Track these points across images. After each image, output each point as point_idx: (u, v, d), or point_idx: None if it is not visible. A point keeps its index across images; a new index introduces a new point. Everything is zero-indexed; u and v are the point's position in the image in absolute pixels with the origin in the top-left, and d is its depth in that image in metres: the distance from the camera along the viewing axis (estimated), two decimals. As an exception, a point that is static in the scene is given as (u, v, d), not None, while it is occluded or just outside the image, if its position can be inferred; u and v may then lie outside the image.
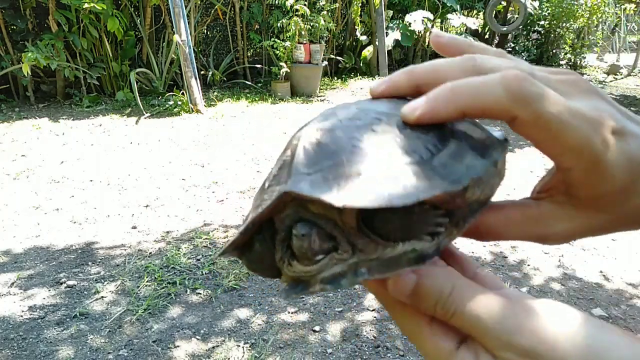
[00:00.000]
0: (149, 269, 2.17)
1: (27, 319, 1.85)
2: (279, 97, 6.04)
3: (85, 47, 5.37)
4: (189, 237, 2.49)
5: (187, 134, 4.41)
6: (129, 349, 1.69)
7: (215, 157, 3.76)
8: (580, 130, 0.24)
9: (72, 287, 2.05)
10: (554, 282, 2.11)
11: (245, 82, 6.81)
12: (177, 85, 6.01)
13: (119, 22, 5.25)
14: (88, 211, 2.80)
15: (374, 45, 7.47)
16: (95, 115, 5.10)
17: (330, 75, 7.60)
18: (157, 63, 5.95)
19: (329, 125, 0.27)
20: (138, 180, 3.29)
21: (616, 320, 1.83)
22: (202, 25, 6.65)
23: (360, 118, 0.28)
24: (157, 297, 1.98)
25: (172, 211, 2.80)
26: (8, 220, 2.67)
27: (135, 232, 2.55)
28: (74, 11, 5.14)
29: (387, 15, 7.48)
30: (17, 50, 5.30)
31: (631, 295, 2.00)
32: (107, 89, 5.95)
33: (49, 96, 5.81)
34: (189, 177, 3.33)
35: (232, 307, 1.93)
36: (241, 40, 6.88)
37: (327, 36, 6.84)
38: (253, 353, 1.67)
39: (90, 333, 1.76)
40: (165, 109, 5.25)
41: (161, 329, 1.80)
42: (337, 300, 1.99)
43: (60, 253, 2.34)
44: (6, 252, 2.33)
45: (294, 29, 5.79)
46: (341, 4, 7.25)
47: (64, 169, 3.48)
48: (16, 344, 1.71)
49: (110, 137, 4.33)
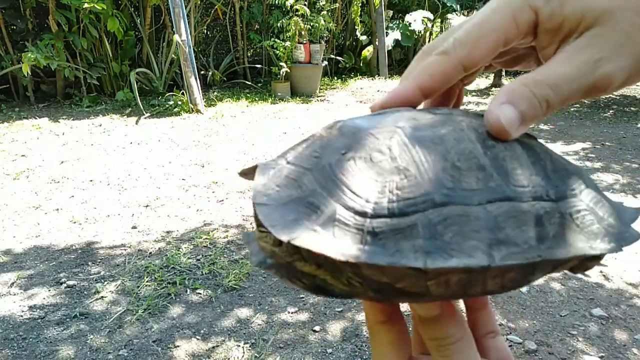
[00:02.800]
0: (149, 269, 2.17)
1: (27, 318, 1.85)
2: (279, 97, 6.04)
3: (85, 47, 5.37)
4: (189, 237, 2.49)
5: (187, 134, 4.41)
6: (129, 349, 1.69)
7: (215, 157, 3.76)
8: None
9: (72, 287, 2.05)
10: (554, 281, 2.11)
11: (245, 82, 6.81)
12: (177, 85, 6.02)
13: (119, 22, 5.25)
14: (88, 211, 2.80)
15: (374, 45, 7.47)
16: (95, 115, 5.10)
17: (330, 75, 7.60)
18: (157, 63, 5.96)
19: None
20: (138, 180, 3.30)
21: (616, 320, 1.83)
22: (202, 25, 6.65)
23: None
24: (157, 297, 1.98)
25: (172, 211, 2.80)
26: (8, 220, 2.67)
27: (135, 232, 2.55)
28: (74, 11, 5.15)
29: (387, 15, 7.48)
30: (17, 50, 5.31)
31: (631, 295, 2.00)
32: (107, 89, 5.95)
33: (49, 96, 5.81)
34: (189, 177, 3.34)
35: (232, 307, 1.93)
36: (241, 40, 6.88)
37: (327, 36, 6.84)
38: (253, 353, 1.67)
39: (90, 333, 1.76)
40: (165, 109, 5.26)
41: (161, 328, 1.80)
42: (337, 300, 1.99)
43: (60, 253, 2.34)
44: (6, 252, 2.33)
45: (294, 29, 5.80)
46: (341, 4, 7.25)
47: (64, 169, 3.48)
48: (16, 343, 1.71)
49: (110, 137, 4.33)
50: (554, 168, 0.28)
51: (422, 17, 7.22)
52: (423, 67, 0.30)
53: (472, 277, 0.24)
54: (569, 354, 1.65)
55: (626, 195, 2.98)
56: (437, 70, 0.29)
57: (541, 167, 0.27)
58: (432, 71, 0.29)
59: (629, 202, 2.87)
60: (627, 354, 1.65)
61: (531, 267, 0.25)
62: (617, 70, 0.26)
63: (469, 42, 0.28)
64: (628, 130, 4.58)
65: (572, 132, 4.53)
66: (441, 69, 0.29)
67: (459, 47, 0.28)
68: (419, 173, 0.25)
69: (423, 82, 0.30)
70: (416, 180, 0.25)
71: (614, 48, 0.26)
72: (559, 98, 0.27)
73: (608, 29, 0.26)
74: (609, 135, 4.40)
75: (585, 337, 1.74)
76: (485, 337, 0.33)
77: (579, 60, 0.26)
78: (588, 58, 0.26)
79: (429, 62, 0.29)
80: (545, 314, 1.88)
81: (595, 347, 1.69)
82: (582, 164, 3.55)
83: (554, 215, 0.26)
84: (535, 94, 0.27)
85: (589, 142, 4.17)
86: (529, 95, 0.27)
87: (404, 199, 0.24)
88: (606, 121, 5.04)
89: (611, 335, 1.74)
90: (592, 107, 5.75)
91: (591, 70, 0.26)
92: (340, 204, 0.25)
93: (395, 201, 0.24)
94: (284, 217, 0.25)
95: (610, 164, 3.54)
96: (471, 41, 0.28)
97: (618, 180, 3.22)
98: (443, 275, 0.24)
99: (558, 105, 0.27)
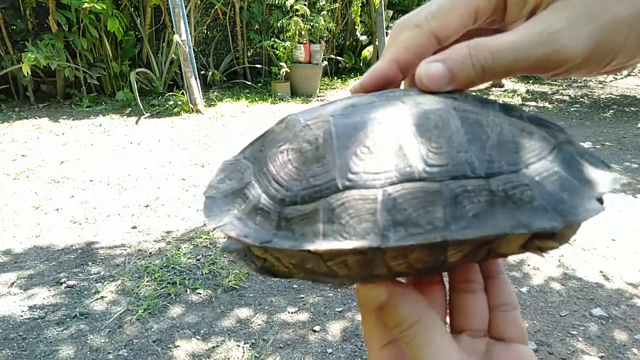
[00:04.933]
0: (149, 269, 2.17)
1: (27, 318, 1.85)
2: (279, 97, 6.04)
3: (85, 47, 5.37)
4: (189, 237, 2.49)
5: (187, 134, 4.41)
6: (129, 349, 1.69)
7: (215, 157, 3.76)
8: None
9: (72, 287, 2.05)
10: (554, 281, 2.11)
11: (245, 82, 6.81)
12: (177, 85, 6.01)
13: (119, 22, 5.25)
14: (88, 211, 2.80)
15: (374, 45, 7.47)
16: (95, 115, 5.10)
17: (330, 75, 7.61)
18: (157, 63, 5.95)
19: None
20: (138, 180, 3.29)
21: (616, 320, 1.83)
22: (202, 25, 6.65)
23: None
24: (157, 297, 1.98)
25: (172, 211, 2.80)
26: (8, 220, 2.67)
27: (136, 232, 2.55)
28: (74, 11, 5.14)
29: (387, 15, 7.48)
30: (17, 50, 5.30)
31: (631, 295, 2.00)
32: (107, 89, 5.95)
33: (49, 96, 5.80)
34: (189, 177, 3.34)
35: (232, 307, 1.93)
36: (241, 40, 6.88)
37: (327, 36, 6.84)
38: (253, 353, 1.67)
39: (90, 333, 1.76)
40: (165, 109, 5.25)
41: (161, 328, 1.80)
42: (337, 300, 1.99)
43: (60, 253, 2.34)
44: (6, 252, 2.33)
45: (294, 29, 5.79)
46: (341, 4, 7.25)
47: (64, 169, 3.48)
48: (16, 343, 1.71)
49: (110, 137, 4.33)
50: (500, 141, 0.26)
51: (422, 17, 7.21)
52: (398, 41, 0.30)
53: (369, 258, 0.25)
54: (569, 354, 1.65)
55: (626, 195, 2.98)
56: (410, 42, 0.29)
57: (480, 141, 0.26)
58: (406, 44, 0.29)
59: (629, 202, 2.87)
60: (627, 354, 1.65)
61: (438, 247, 0.24)
62: (572, 44, 0.25)
63: (440, 13, 0.28)
64: (628, 130, 4.58)
65: (572, 132, 4.53)
66: (415, 41, 0.29)
67: (431, 18, 0.28)
68: (333, 159, 0.26)
69: (399, 55, 0.29)
70: (327, 167, 0.26)
71: (575, 20, 0.25)
72: (500, 65, 0.26)
73: (574, 1, 0.25)
74: (609, 135, 4.40)
75: (585, 337, 1.74)
76: (496, 310, 0.30)
77: (533, 30, 0.25)
78: (543, 29, 0.25)
79: (403, 36, 0.29)
80: (545, 314, 1.88)
81: (595, 347, 1.69)
82: (582, 164, 3.55)
83: (479, 193, 0.24)
84: (472, 55, 0.26)
85: (589, 142, 4.17)
86: (465, 56, 0.26)
87: (314, 185, 0.26)
88: (606, 121, 5.04)
89: (611, 335, 1.74)
90: (592, 107, 5.75)
91: (544, 41, 0.25)
92: (265, 193, 0.27)
93: (307, 188, 0.26)
94: (220, 207, 0.29)
95: (610, 164, 3.54)
96: (443, 12, 0.28)
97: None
98: (339, 257, 0.25)
99: (498, 74, 0.27)
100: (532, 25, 0.26)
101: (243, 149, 0.33)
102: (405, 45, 0.29)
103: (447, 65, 0.27)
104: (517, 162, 0.26)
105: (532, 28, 0.25)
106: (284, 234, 0.26)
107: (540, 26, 0.25)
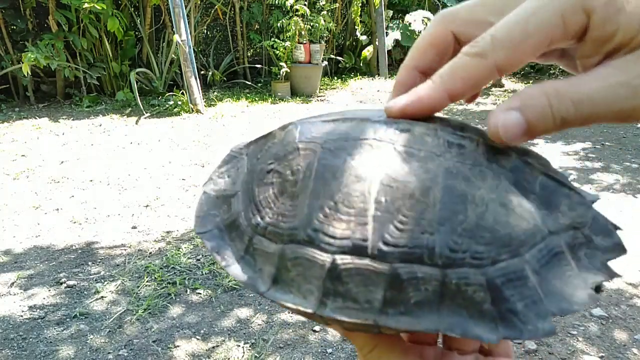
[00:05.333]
0: (149, 269, 2.17)
1: (27, 318, 1.85)
2: (279, 97, 6.04)
3: (85, 47, 5.37)
4: (189, 237, 2.49)
5: (187, 134, 4.41)
6: (129, 349, 1.69)
7: (215, 157, 3.76)
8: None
9: (72, 287, 2.05)
10: (554, 282, 2.11)
11: (245, 82, 6.81)
12: (177, 85, 6.01)
13: (119, 22, 5.25)
14: (88, 211, 2.80)
15: (374, 45, 7.47)
16: (95, 115, 5.10)
17: (330, 75, 7.61)
18: (157, 63, 5.95)
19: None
20: (138, 180, 3.29)
21: (616, 320, 1.83)
22: (202, 25, 6.65)
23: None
24: (157, 297, 1.98)
25: (172, 211, 2.80)
26: (8, 220, 2.67)
27: (136, 232, 2.55)
28: (74, 11, 5.14)
29: (387, 15, 7.48)
30: (17, 50, 5.30)
31: (631, 295, 2.00)
32: (107, 89, 5.95)
33: (49, 96, 5.81)
34: (189, 177, 3.34)
35: (232, 307, 1.93)
36: (241, 40, 6.88)
37: (327, 36, 6.84)
38: (253, 353, 1.67)
39: (90, 333, 1.76)
40: (165, 109, 5.25)
41: (161, 328, 1.80)
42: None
43: (60, 253, 2.34)
44: (6, 252, 2.33)
45: (294, 29, 5.79)
46: (341, 4, 7.25)
47: (64, 169, 3.48)
48: (16, 343, 1.71)
49: (110, 137, 4.33)
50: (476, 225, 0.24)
51: (422, 17, 7.21)
52: (453, 70, 0.26)
53: (308, 316, 0.26)
54: (569, 354, 1.65)
55: (626, 195, 2.98)
56: (470, 75, 0.25)
57: (453, 223, 0.24)
58: (465, 75, 0.25)
59: (629, 202, 2.87)
60: (627, 354, 1.65)
61: (372, 327, 0.24)
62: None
63: (510, 43, 0.24)
64: (628, 130, 4.57)
65: (572, 132, 4.52)
66: (475, 74, 0.25)
67: (499, 48, 0.24)
68: (303, 204, 0.26)
69: (454, 87, 0.26)
70: (296, 211, 0.26)
71: None
72: (580, 117, 0.23)
73: None
74: (609, 135, 4.40)
75: (585, 337, 1.74)
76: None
77: (617, 79, 0.23)
78: (630, 80, 0.23)
79: (460, 65, 0.26)
80: (545, 314, 1.88)
81: (595, 347, 1.69)
82: (582, 164, 3.55)
83: (428, 282, 0.24)
84: (552, 105, 0.23)
85: (589, 142, 4.17)
86: (544, 106, 0.24)
87: (278, 226, 0.27)
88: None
89: (611, 335, 1.74)
90: (592, 107, 5.74)
91: (631, 95, 0.23)
92: (244, 212, 0.29)
93: (273, 225, 0.27)
94: (210, 209, 0.31)
95: (610, 164, 3.54)
96: (513, 42, 0.24)
97: (618, 180, 3.22)
98: (284, 306, 0.26)
99: (577, 125, 0.24)
100: (615, 73, 0.23)
101: (249, 143, 0.33)
102: (463, 77, 0.25)
103: (526, 116, 0.24)
104: (483, 257, 0.24)
105: (616, 76, 0.23)
106: (248, 260, 0.28)
107: (627, 76, 0.23)
